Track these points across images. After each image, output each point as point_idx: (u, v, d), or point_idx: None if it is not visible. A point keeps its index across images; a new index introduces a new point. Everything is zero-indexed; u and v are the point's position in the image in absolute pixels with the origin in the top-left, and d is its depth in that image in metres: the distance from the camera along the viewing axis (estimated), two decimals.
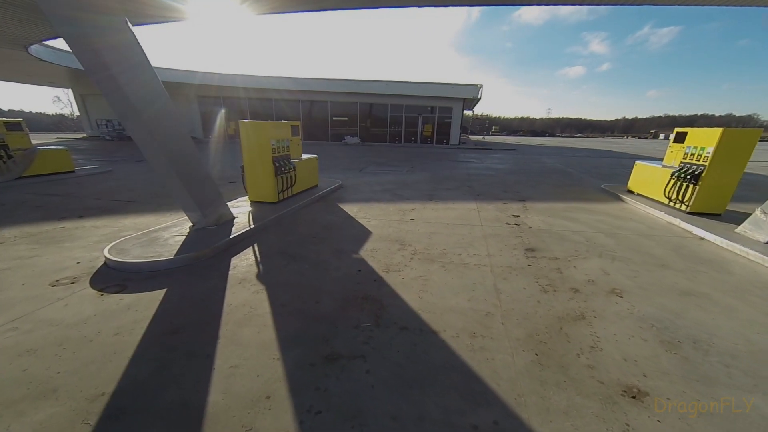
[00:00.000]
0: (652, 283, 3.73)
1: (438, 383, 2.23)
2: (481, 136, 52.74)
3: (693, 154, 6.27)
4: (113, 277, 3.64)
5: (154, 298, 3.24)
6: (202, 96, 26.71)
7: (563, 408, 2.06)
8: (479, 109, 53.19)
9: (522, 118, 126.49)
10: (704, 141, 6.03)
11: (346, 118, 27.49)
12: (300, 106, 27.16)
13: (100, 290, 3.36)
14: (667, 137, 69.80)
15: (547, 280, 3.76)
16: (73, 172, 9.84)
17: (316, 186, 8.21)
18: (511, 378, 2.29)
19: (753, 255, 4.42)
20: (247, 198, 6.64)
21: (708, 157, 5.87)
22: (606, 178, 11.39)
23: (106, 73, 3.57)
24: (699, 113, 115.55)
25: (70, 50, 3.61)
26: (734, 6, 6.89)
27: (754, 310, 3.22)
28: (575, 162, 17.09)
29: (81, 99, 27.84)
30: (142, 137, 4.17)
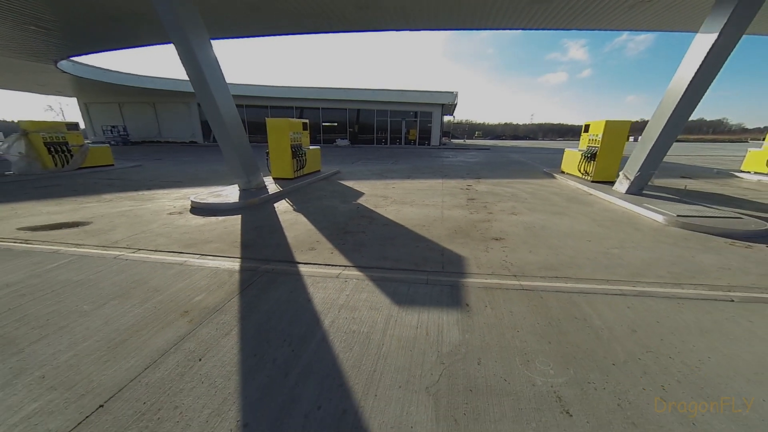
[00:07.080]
0: (539, 210, 6.07)
1: (402, 239, 4.47)
2: (462, 140, 55.74)
3: (593, 140, 8.78)
4: (203, 212, 5.76)
5: (236, 219, 5.39)
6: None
7: (461, 242, 4.32)
8: (462, 116, 56.18)
9: (506, 124, 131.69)
10: (597, 130, 8.54)
11: (336, 124, 29.80)
12: (293, 113, 29.32)
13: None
14: (636, 139, 74.58)
15: (475, 210, 6.06)
16: (113, 165, 11.77)
17: (320, 171, 10.41)
18: (438, 236, 4.55)
19: (612, 199, 6.85)
20: (270, 176, 8.79)
21: (599, 140, 8.37)
22: (555, 167, 13.92)
23: (205, 83, 5.77)
24: None
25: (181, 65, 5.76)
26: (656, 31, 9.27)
27: (590, 220, 5.57)
28: (537, 157, 19.76)
29: (85, 107, 29.34)
30: (219, 127, 6.36)
